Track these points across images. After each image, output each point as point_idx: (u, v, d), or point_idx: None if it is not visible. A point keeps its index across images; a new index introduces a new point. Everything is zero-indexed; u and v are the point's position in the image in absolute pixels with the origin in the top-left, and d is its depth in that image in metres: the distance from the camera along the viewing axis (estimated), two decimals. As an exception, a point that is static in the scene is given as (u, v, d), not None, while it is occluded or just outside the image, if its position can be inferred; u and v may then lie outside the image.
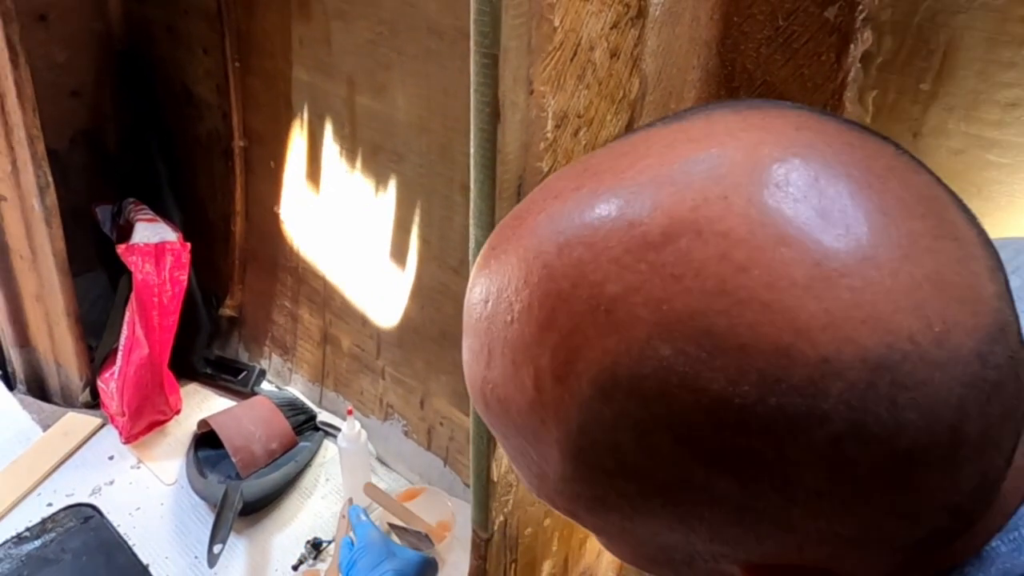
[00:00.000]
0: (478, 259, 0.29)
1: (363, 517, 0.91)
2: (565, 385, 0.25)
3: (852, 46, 0.63)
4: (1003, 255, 0.39)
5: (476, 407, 0.30)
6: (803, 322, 0.22)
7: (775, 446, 0.23)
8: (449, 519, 1.01)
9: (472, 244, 0.54)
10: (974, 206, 0.68)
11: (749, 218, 0.23)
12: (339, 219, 1.16)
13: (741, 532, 0.25)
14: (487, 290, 0.27)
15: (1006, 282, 0.25)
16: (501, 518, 0.63)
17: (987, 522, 0.27)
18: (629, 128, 0.60)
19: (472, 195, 0.50)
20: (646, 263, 0.23)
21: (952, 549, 0.27)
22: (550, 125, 0.51)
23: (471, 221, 0.52)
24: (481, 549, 0.65)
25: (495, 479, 0.60)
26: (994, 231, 0.63)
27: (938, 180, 0.26)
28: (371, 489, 0.94)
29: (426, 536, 0.97)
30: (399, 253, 1.08)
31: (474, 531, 0.65)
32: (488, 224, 0.50)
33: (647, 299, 0.23)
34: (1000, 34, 0.57)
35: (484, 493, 0.61)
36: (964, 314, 0.23)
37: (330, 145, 1.12)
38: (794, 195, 0.23)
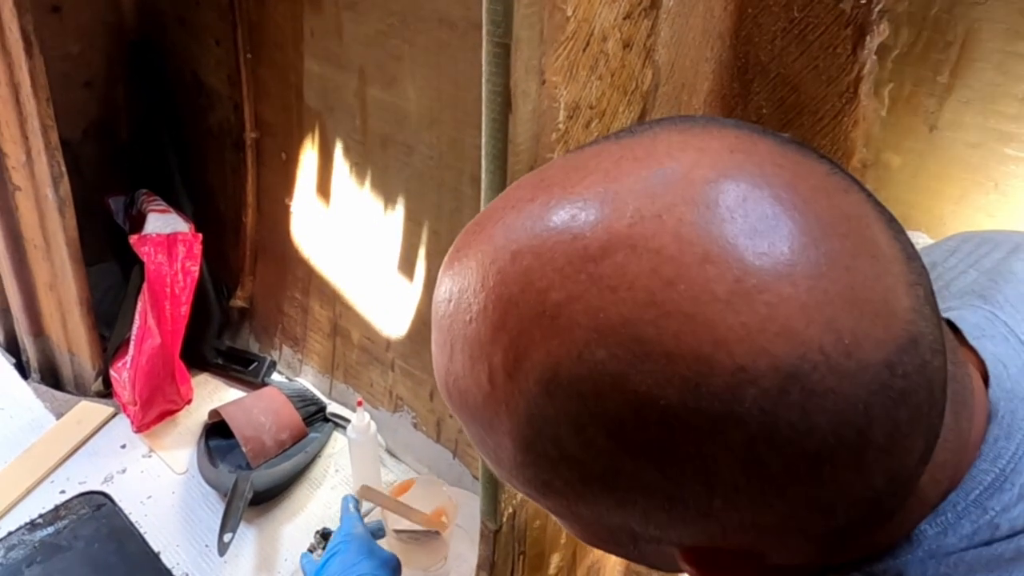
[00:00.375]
0: (444, 260, 0.32)
1: (352, 508, 0.91)
2: (515, 382, 0.27)
3: (868, 38, 0.62)
4: (967, 247, 0.41)
5: (442, 395, 0.32)
6: (722, 334, 0.24)
7: (695, 444, 0.25)
8: (446, 504, 1.01)
9: (483, 235, 0.53)
10: (990, 200, 0.67)
11: (679, 236, 0.25)
12: (349, 211, 1.16)
13: (669, 518, 0.28)
14: (450, 290, 0.30)
15: (926, 295, 0.27)
16: (510, 510, 0.63)
17: (909, 511, 0.29)
18: (641, 121, 0.60)
19: (483, 186, 0.50)
20: (586, 274, 0.26)
21: (877, 535, 0.30)
22: (562, 116, 0.50)
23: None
24: (490, 540, 0.65)
25: (504, 471, 0.60)
26: (1010, 225, 0.62)
27: (868, 198, 0.28)
28: (365, 491, 0.95)
29: (435, 532, 0.97)
30: (408, 245, 1.08)
31: (483, 522, 0.65)
32: (499, 215, 0.49)
33: (586, 307, 0.25)
34: (1019, 26, 0.56)
35: (493, 485, 0.61)
36: (875, 327, 0.25)
37: (341, 137, 1.12)
38: (722, 215, 0.25)
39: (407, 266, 1.10)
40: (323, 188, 1.19)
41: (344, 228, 1.18)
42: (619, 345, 0.25)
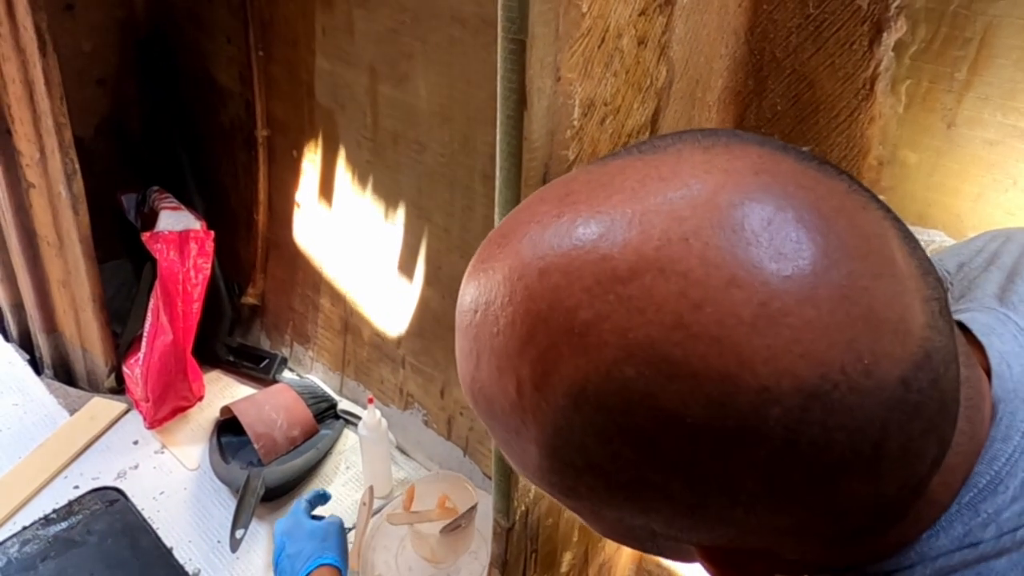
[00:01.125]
0: (468, 268, 0.32)
1: (303, 503, 0.94)
2: (542, 393, 0.28)
3: (885, 34, 0.62)
4: (993, 246, 0.42)
5: (466, 399, 0.33)
6: (747, 356, 0.25)
7: (720, 458, 0.26)
8: (443, 490, 1.02)
9: (496, 233, 0.53)
10: (1010, 198, 0.66)
11: (705, 260, 0.25)
12: (360, 208, 1.16)
13: (692, 523, 0.29)
14: (476, 301, 0.31)
15: (941, 308, 0.28)
16: (523, 508, 0.63)
17: (920, 513, 0.30)
18: (655, 117, 0.59)
19: (498, 183, 0.50)
20: (614, 295, 0.26)
21: (889, 535, 0.31)
22: (576, 113, 0.50)
23: (496, 210, 0.51)
24: (502, 538, 0.65)
25: (517, 469, 0.60)
26: (1031, 223, 0.61)
27: (886, 214, 0.29)
28: (393, 517, 0.99)
29: (467, 512, 0.98)
30: (419, 243, 1.08)
31: (495, 520, 0.65)
32: (513, 213, 0.49)
33: (614, 327, 0.26)
34: (1040, 21, 0.55)
35: (506, 483, 0.61)
36: (893, 346, 0.26)
37: (352, 135, 1.12)
38: (747, 239, 0.26)
39: (418, 263, 1.10)
40: (334, 185, 1.19)
41: (355, 225, 1.18)
42: (647, 364, 0.25)
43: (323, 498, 0.98)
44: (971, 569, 0.29)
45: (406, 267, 1.12)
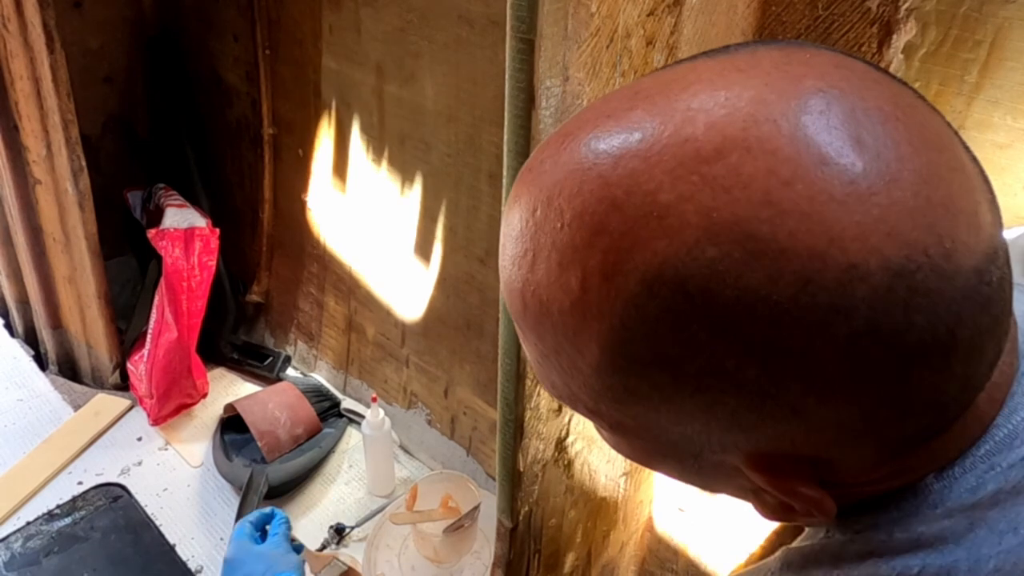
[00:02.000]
0: (519, 177, 0.31)
1: (245, 525, 0.84)
2: (611, 283, 0.27)
3: (894, 36, 0.62)
4: None
5: (512, 311, 0.32)
6: (837, 232, 0.25)
7: (802, 338, 0.25)
8: (446, 489, 1.02)
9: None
10: (1020, 202, 0.66)
11: (795, 139, 0.25)
12: (365, 208, 1.16)
13: (758, 418, 0.28)
14: (535, 200, 0.29)
15: (1000, 216, 0.29)
16: (526, 508, 0.63)
17: (964, 429, 0.30)
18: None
19: (504, 182, 0.50)
20: (698, 175, 0.26)
21: (934, 446, 0.30)
22: (585, 113, 0.50)
23: (503, 209, 0.51)
24: (505, 538, 0.65)
25: (521, 469, 0.60)
26: (1040, 228, 0.60)
27: (947, 122, 0.29)
28: (397, 517, 0.99)
29: (470, 512, 0.97)
30: (425, 242, 1.08)
31: (499, 520, 0.65)
32: (520, 213, 0.49)
33: (698, 207, 0.25)
34: (1051, 24, 0.55)
35: (510, 483, 0.61)
36: (968, 236, 0.26)
37: (358, 134, 1.12)
38: (834, 123, 0.26)
39: (423, 263, 1.10)
40: (340, 184, 1.19)
41: (360, 224, 1.18)
42: (732, 243, 0.25)
43: (269, 517, 0.86)
44: (965, 516, 0.29)
45: (411, 266, 1.12)
